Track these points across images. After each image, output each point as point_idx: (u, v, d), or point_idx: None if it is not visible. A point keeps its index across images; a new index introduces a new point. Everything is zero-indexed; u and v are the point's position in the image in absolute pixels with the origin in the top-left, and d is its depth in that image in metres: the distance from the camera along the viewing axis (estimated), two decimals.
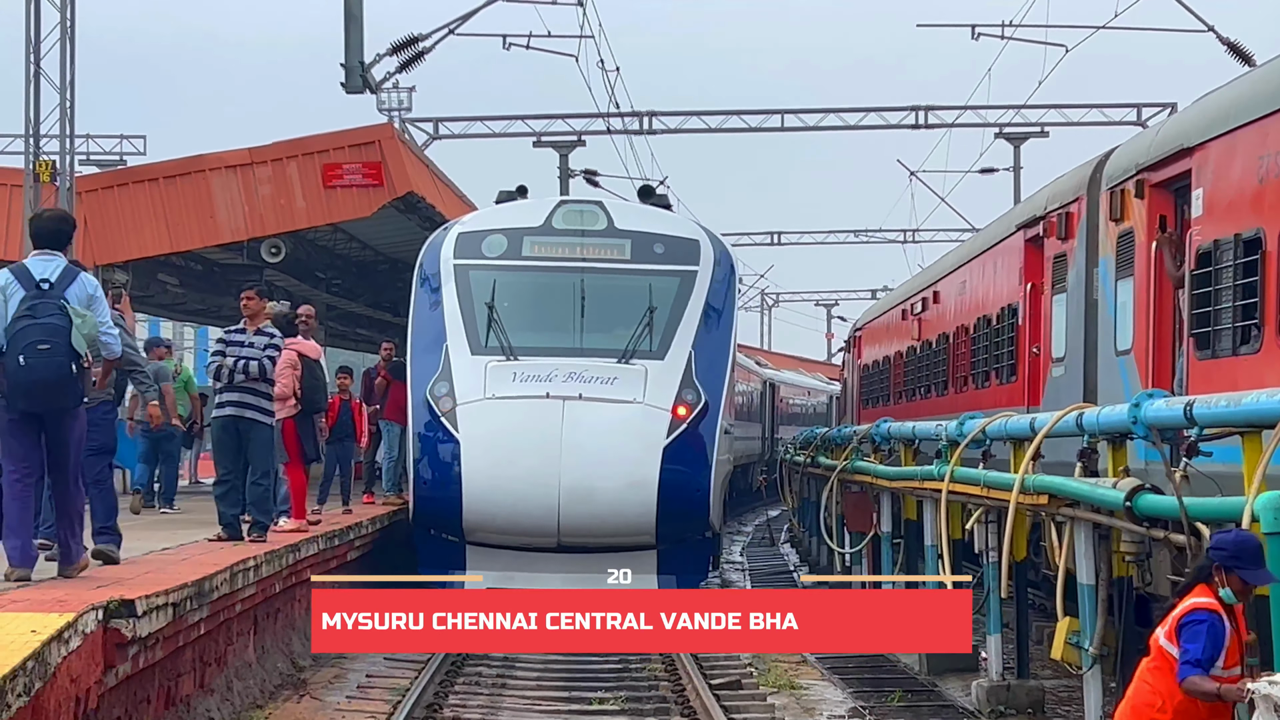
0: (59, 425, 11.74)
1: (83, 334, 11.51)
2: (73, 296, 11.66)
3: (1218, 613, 7.69)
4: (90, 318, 11.63)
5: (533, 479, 19.40)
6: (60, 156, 25.12)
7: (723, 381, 20.78)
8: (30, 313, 11.49)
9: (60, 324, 11.47)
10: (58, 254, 11.95)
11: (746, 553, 35.68)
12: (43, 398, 11.52)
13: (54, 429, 11.75)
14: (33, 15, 24.58)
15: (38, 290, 11.59)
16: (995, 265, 20.46)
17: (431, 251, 21.78)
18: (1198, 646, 7.64)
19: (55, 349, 11.43)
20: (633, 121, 40.78)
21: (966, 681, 16.13)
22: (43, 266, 11.76)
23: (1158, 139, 14.16)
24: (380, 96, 42.47)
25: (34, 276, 11.66)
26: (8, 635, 8.41)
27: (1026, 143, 43.12)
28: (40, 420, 11.70)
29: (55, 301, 11.55)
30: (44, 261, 11.82)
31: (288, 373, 17.22)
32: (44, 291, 11.58)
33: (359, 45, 26.87)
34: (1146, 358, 14.01)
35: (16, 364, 11.43)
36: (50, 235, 12.03)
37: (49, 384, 11.46)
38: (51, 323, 11.48)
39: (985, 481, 14.41)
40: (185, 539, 15.95)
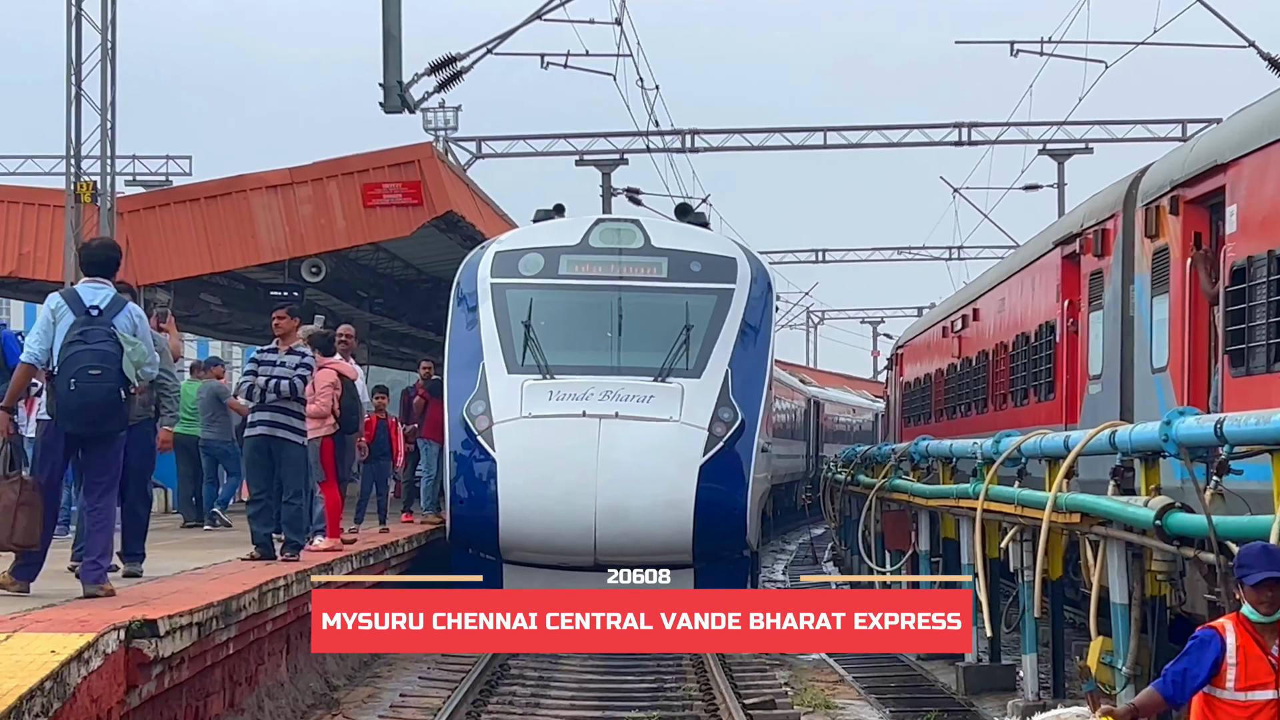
0: (100, 449, 12.00)
1: (133, 361, 11.75)
2: (120, 324, 11.89)
3: (1217, 631, 7.57)
4: (140, 346, 11.89)
5: (569, 498, 19.37)
6: (101, 177, 25.24)
7: (759, 399, 20.72)
8: (82, 338, 11.73)
9: (112, 350, 11.73)
10: (107, 282, 12.19)
11: (789, 571, 35.58)
12: (90, 421, 11.78)
13: (94, 453, 12.02)
14: (73, 37, 24.71)
15: (88, 316, 11.83)
16: (1033, 282, 20.35)
17: (469, 270, 21.80)
18: (1173, 663, 7.58)
19: (106, 374, 11.68)
20: (675, 140, 40.79)
21: (1003, 701, 16.00)
22: (93, 293, 12.00)
23: (1191, 155, 14.06)
24: (426, 116, 42.69)
25: (84, 303, 11.89)
26: (27, 655, 8.43)
27: (1071, 159, 42.96)
28: (81, 443, 11.95)
29: (105, 328, 11.78)
30: (94, 289, 12.06)
31: (327, 391, 17.28)
32: (94, 318, 11.82)
33: (397, 65, 26.91)
34: (1182, 375, 13.89)
35: (67, 388, 11.70)
36: (101, 263, 12.29)
37: (98, 408, 11.71)
38: (103, 349, 11.73)
39: (1019, 500, 14.34)
40: (219, 558, 15.97)
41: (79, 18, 24.72)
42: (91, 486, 12.20)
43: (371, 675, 17.28)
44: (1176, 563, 11.28)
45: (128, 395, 11.85)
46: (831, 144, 42.53)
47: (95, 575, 11.98)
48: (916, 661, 19.51)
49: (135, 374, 11.83)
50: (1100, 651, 12.50)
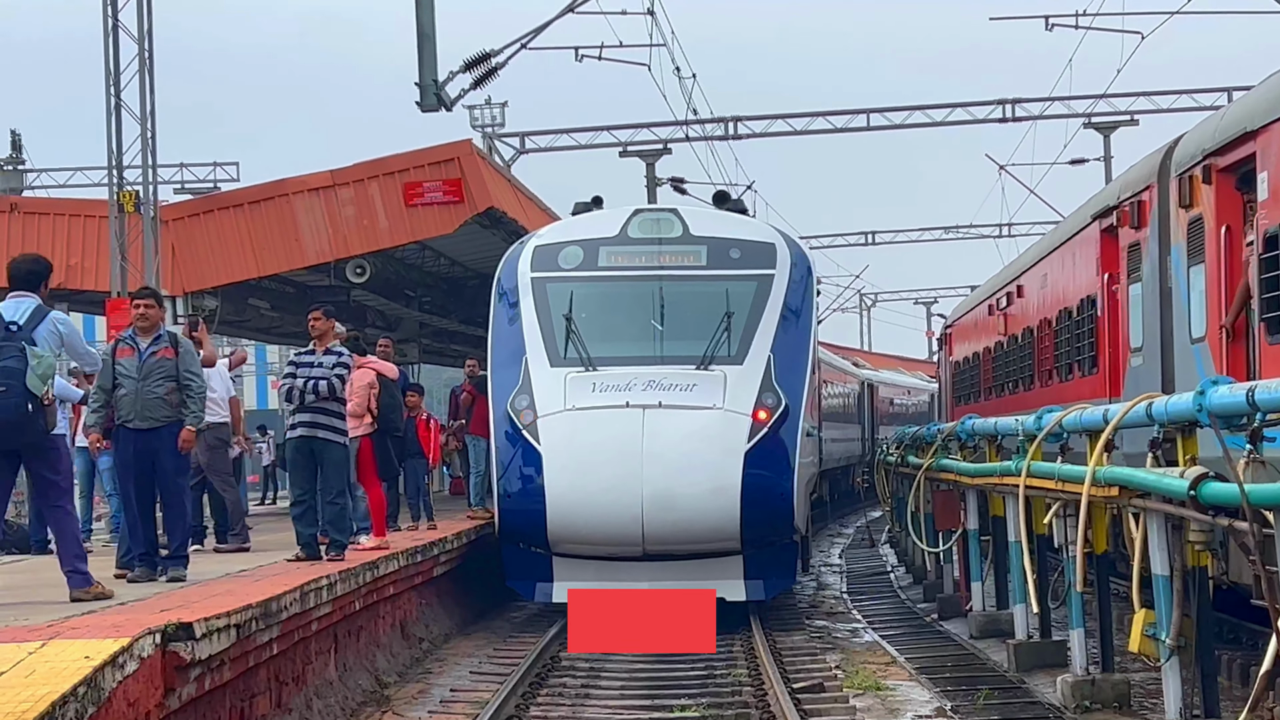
0: (34, 459, 12.33)
1: (38, 374, 11.92)
2: (40, 335, 12.11)
3: None
4: (46, 358, 12.06)
5: (615, 488, 19.43)
6: (143, 186, 25.42)
7: (803, 384, 20.70)
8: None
9: (17, 366, 11.90)
10: (30, 295, 12.39)
11: (845, 554, 35.54)
12: (2, 436, 12.02)
13: (32, 463, 12.37)
14: (111, 48, 24.89)
15: (7, 332, 12.03)
16: (1074, 257, 20.27)
17: (509, 265, 21.86)
18: None
19: (11, 390, 11.87)
20: (717, 128, 40.76)
21: (1054, 677, 15.94)
22: (14, 309, 12.22)
23: (1222, 124, 13.98)
24: (473, 113, 42.81)
25: (4, 320, 12.11)
26: (62, 662, 8.51)
27: (1116, 131, 42.71)
28: (18, 456, 12.30)
29: (17, 344, 11.96)
30: (15, 304, 12.29)
31: (363, 390, 17.35)
32: (11, 334, 12.03)
33: (433, 63, 26.97)
34: (1220, 345, 13.82)
35: None
36: (23, 277, 12.52)
37: (6, 424, 11.91)
38: (9, 365, 11.91)
39: (1059, 475, 14.28)
40: (266, 560, 16.07)
41: (116, 29, 24.93)
42: (40, 498, 12.80)
43: (423, 671, 17.35)
44: (1215, 533, 11.21)
45: (36, 408, 11.97)
46: (875, 125, 42.45)
47: (76, 580, 12.32)
48: (969, 640, 19.46)
49: (42, 387, 11.99)
50: (1144, 624, 12.43)
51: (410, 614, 18.55)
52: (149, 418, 14.12)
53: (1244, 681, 14.16)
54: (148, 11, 24.84)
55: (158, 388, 14.09)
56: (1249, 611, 14.36)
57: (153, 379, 14.12)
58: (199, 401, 14.24)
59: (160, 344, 14.27)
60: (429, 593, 19.73)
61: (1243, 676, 14.38)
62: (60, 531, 12.61)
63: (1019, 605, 17.35)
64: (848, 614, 23.40)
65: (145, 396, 14.11)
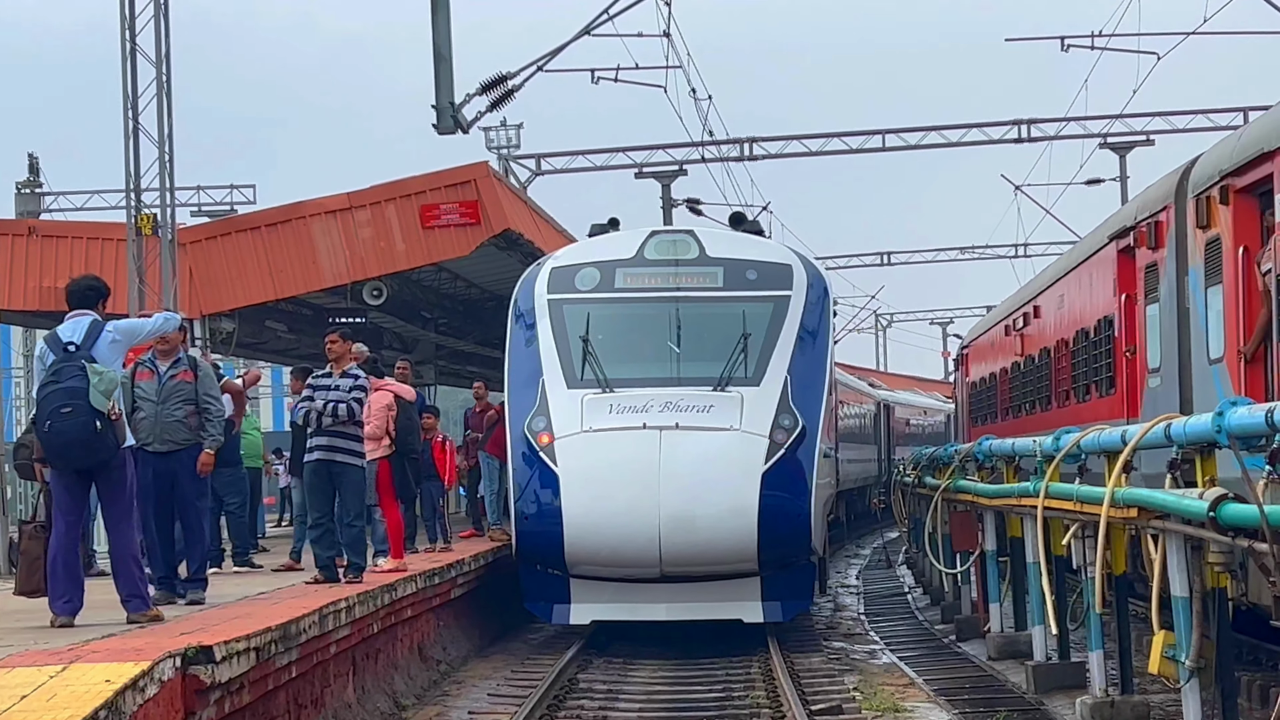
0: (104, 478, 12.21)
1: (100, 390, 11.84)
2: (100, 351, 12.05)
3: None
4: (108, 373, 11.98)
5: (632, 510, 19.43)
6: (161, 209, 25.48)
7: (820, 405, 20.71)
8: (55, 377, 11.92)
9: (79, 386, 11.83)
10: (88, 313, 12.34)
11: (862, 575, 35.49)
12: (75, 457, 11.99)
13: (101, 482, 12.26)
14: (129, 74, 24.97)
15: (65, 353, 12.00)
16: (1091, 277, 20.26)
17: (525, 287, 21.89)
18: None
19: (77, 410, 11.81)
20: (733, 149, 40.81)
21: (1073, 699, 15.91)
22: (71, 329, 12.20)
23: (1240, 144, 13.97)
24: (489, 135, 42.91)
25: (62, 340, 12.09)
26: (83, 686, 8.53)
27: (1132, 152, 42.68)
28: (90, 475, 12.20)
29: (77, 363, 11.91)
30: (72, 324, 12.26)
31: (381, 413, 17.37)
32: (70, 354, 12.00)
33: (449, 86, 27.00)
34: (1239, 365, 13.80)
35: (44, 430, 11.95)
36: (81, 294, 12.48)
37: (78, 443, 11.86)
38: (72, 385, 11.84)
39: (1078, 496, 14.26)
40: (284, 583, 16.09)
41: (134, 53, 25.00)
42: (107, 515, 12.51)
43: (441, 694, 17.34)
44: (1234, 554, 11.19)
45: (105, 424, 11.91)
46: (890, 146, 42.46)
47: (134, 605, 12.30)
48: (987, 661, 19.43)
49: (107, 403, 11.92)
50: (1163, 645, 12.41)
51: (428, 636, 18.55)
52: (168, 440, 14.22)
53: (1264, 703, 14.12)
54: (165, 35, 24.92)
55: (177, 410, 14.19)
56: (1269, 633, 14.31)
57: (172, 402, 14.22)
58: (218, 425, 14.30)
59: (179, 367, 14.36)
60: (447, 615, 19.74)
61: (1262, 698, 14.34)
62: (120, 554, 12.43)
63: (1037, 626, 17.33)
64: (865, 635, 23.38)
65: (164, 419, 14.21)
